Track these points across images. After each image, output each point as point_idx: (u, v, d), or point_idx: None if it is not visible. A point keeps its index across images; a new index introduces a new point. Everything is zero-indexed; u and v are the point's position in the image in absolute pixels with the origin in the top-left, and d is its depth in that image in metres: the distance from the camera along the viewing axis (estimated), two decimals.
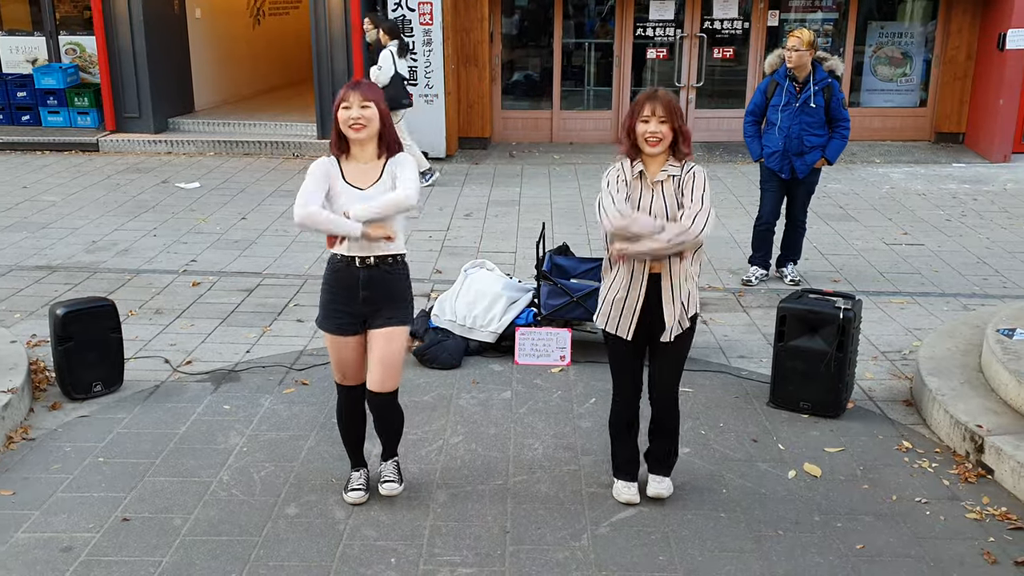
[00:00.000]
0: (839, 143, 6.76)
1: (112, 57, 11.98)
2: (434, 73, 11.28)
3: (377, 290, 3.88)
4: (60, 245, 7.95)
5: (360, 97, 3.73)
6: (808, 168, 6.79)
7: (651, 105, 3.76)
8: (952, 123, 12.30)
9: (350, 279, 3.87)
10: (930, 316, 6.43)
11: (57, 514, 4.01)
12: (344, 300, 3.90)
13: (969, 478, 4.33)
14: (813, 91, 6.61)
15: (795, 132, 6.69)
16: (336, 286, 3.91)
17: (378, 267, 3.87)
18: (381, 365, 3.91)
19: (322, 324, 3.98)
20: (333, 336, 3.95)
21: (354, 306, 3.90)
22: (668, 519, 4.01)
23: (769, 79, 6.82)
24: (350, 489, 4.13)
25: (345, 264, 3.87)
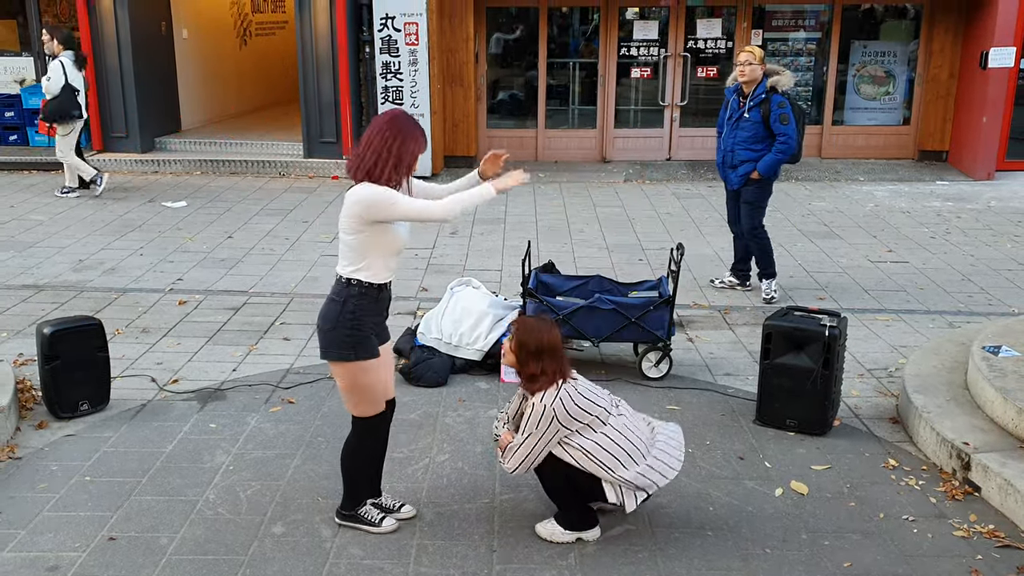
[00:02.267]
0: (771, 157, 6.76)
1: (99, 77, 11.98)
2: (420, 93, 11.33)
3: (387, 310, 3.96)
4: (47, 264, 7.92)
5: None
6: (740, 180, 6.90)
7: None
8: (935, 141, 12.42)
9: (384, 302, 3.86)
10: (915, 333, 6.47)
11: (43, 533, 3.98)
12: (376, 324, 3.85)
13: (956, 495, 4.35)
14: (748, 105, 6.72)
15: (729, 146, 6.87)
16: (371, 313, 3.79)
17: (389, 287, 3.90)
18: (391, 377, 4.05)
19: (366, 352, 3.78)
20: (377, 360, 3.81)
21: (380, 327, 3.91)
22: (655, 537, 4.01)
23: (726, 94, 7.01)
24: (382, 518, 4.03)
25: (378, 290, 3.79)
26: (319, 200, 10.43)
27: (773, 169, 6.83)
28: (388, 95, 11.37)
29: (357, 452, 3.97)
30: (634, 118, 12.79)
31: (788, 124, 6.69)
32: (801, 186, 11.28)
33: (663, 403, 5.32)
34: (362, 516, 4.02)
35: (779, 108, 6.66)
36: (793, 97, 6.85)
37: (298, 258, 8.20)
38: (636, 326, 5.53)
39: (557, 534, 3.97)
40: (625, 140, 12.73)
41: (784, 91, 6.73)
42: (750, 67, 6.67)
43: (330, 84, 11.57)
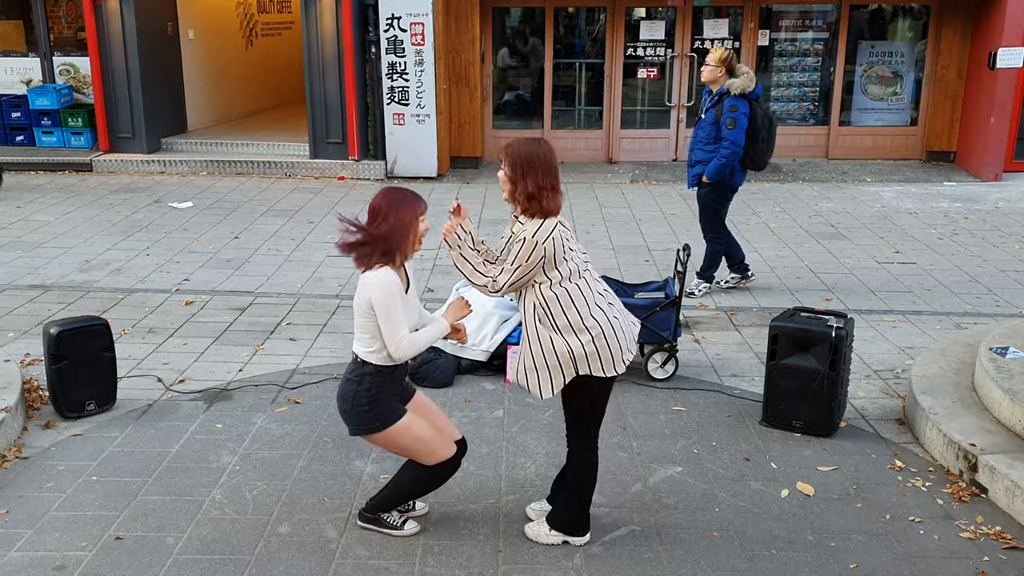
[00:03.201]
0: (716, 162, 6.69)
1: (106, 78, 12.02)
2: (426, 93, 11.33)
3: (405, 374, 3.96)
4: (54, 264, 7.94)
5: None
6: (694, 181, 6.92)
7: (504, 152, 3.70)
8: (943, 142, 12.39)
9: (399, 375, 3.84)
10: (922, 334, 6.45)
11: (50, 533, 3.99)
12: (395, 392, 3.84)
13: (963, 497, 4.34)
14: (705, 107, 6.75)
15: (692, 145, 6.90)
16: (391, 385, 3.79)
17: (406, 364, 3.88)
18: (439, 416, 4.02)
19: (393, 417, 3.75)
20: (408, 417, 3.79)
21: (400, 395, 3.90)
22: (661, 538, 4.00)
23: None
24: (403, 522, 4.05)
25: (392, 370, 3.77)
26: (325, 200, 10.44)
27: (718, 174, 6.72)
28: (394, 95, 11.38)
29: (422, 482, 3.93)
30: (640, 119, 12.78)
31: (733, 129, 6.59)
32: (808, 187, 11.26)
33: (669, 404, 5.31)
34: (384, 520, 4.01)
35: (729, 112, 6.58)
36: (761, 102, 6.76)
37: (304, 258, 8.21)
38: (642, 327, 5.51)
39: (542, 535, 3.96)
40: (632, 141, 12.73)
41: (740, 94, 6.60)
42: (708, 68, 6.71)
43: (336, 85, 11.59)
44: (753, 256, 8.31)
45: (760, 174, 11.78)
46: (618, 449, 4.77)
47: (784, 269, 7.97)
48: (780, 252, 8.48)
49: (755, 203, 10.41)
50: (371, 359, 3.70)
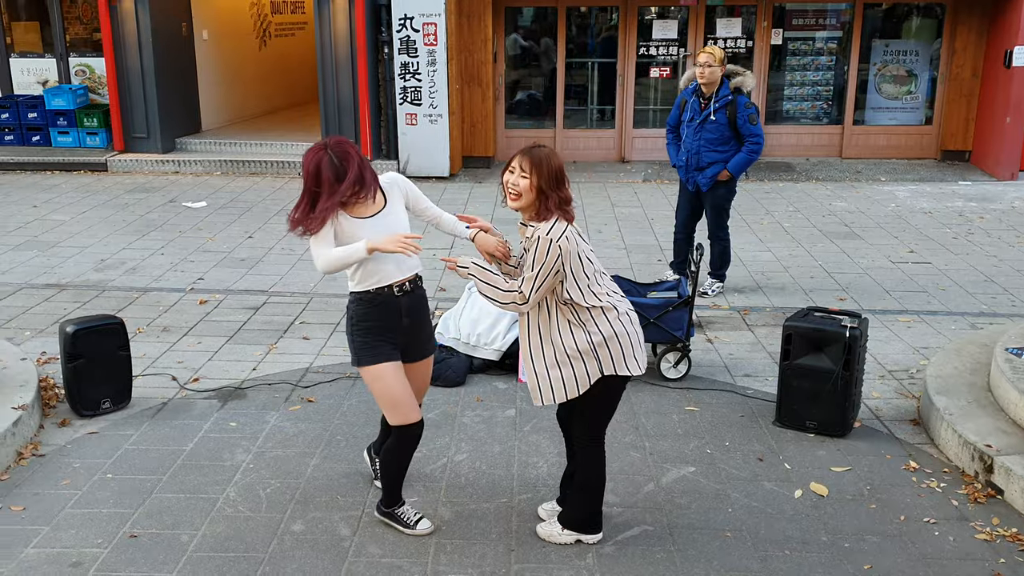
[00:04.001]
0: (743, 157, 6.77)
1: (121, 78, 12.08)
2: (438, 93, 11.35)
3: (416, 315, 3.85)
4: (69, 264, 7.99)
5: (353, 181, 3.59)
6: (710, 182, 6.89)
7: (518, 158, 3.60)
8: (958, 141, 12.32)
9: (390, 310, 3.77)
10: (937, 335, 6.42)
11: (66, 530, 4.02)
12: (386, 329, 3.77)
13: (978, 498, 4.31)
14: (714, 108, 6.70)
15: (695, 148, 6.85)
16: (377, 321, 3.76)
17: (413, 291, 3.82)
18: (422, 389, 4.04)
19: (372, 358, 3.73)
20: (390, 364, 3.73)
21: (396, 337, 3.81)
22: (673, 538, 4.00)
23: (682, 95, 6.94)
24: (417, 520, 4.01)
25: (383, 297, 3.75)
26: None
27: (744, 169, 6.86)
28: (406, 95, 11.40)
29: (393, 451, 3.90)
30: (653, 118, 12.75)
31: (757, 124, 6.74)
32: (822, 186, 11.22)
33: (682, 404, 5.30)
34: (399, 516, 4.02)
35: (747, 109, 6.69)
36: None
37: None
38: (655, 326, 5.51)
39: (555, 535, 3.96)
40: (644, 140, 12.70)
41: (748, 92, 6.77)
42: (710, 69, 6.65)
43: (349, 85, 11.62)
44: (766, 256, 8.29)
45: (774, 173, 11.75)
46: (631, 449, 4.77)
47: (798, 269, 7.94)
48: (794, 251, 8.45)
49: (768, 202, 10.38)
50: (351, 287, 3.80)
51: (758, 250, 8.45)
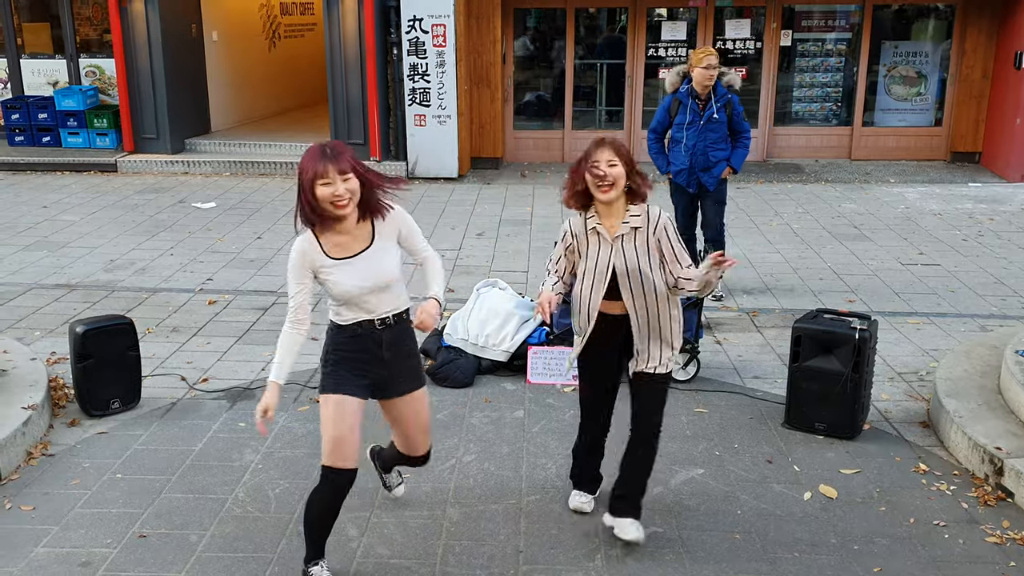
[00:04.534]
0: (743, 152, 6.90)
1: (131, 79, 12.13)
2: (447, 94, 11.36)
3: (398, 349, 3.58)
4: (79, 264, 8.02)
5: (339, 170, 3.29)
6: (716, 180, 6.92)
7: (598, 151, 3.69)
8: (968, 142, 12.28)
9: (370, 342, 3.53)
10: (947, 337, 6.40)
11: (75, 529, 4.03)
12: (363, 364, 3.55)
13: (988, 501, 4.29)
14: (716, 107, 6.72)
15: (700, 148, 6.83)
16: (353, 352, 3.54)
17: (396, 324, 3.57)
18: (421, 433, 3.77)
19: (332, 387, 3.52)
20: (345, 398, 3.48)
21: (374, 371, 3.57)
22: (682, 540, 3.99)
23: (671, 98, 6.91)
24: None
25: (363, 330, 3.52)
26: None
27: (743, 162, 6.99)
28: (415, 97, 11.42)
29: (316, 495, 3.59)
30: None
31: (747, 121, 6.98)
32: (831, 188, 11.19)
33: (691, 406, 5.29)
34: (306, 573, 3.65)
35: (739, 106, 6.85)
36: None
37: None
38: None
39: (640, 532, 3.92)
40: None
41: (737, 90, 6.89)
42: (717, 71, 6.69)
43: (358, 86, 11.64)
44: (775, 257, 8.28)
45: (783, 174, 11.73)
46: None
47: (807, 270, 7.92)
48: (803, 253, 8.43)
49: (777, 204, 10.35)
50: (330, 316, 3.62)
51: (767, 251, 8.43)
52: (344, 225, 3.42)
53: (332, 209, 3.33)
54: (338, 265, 3.43)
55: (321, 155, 3.30)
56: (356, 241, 3.47)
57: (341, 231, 3.43)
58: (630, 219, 3.76)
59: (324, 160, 3.29)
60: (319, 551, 3.64)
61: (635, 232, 3.76)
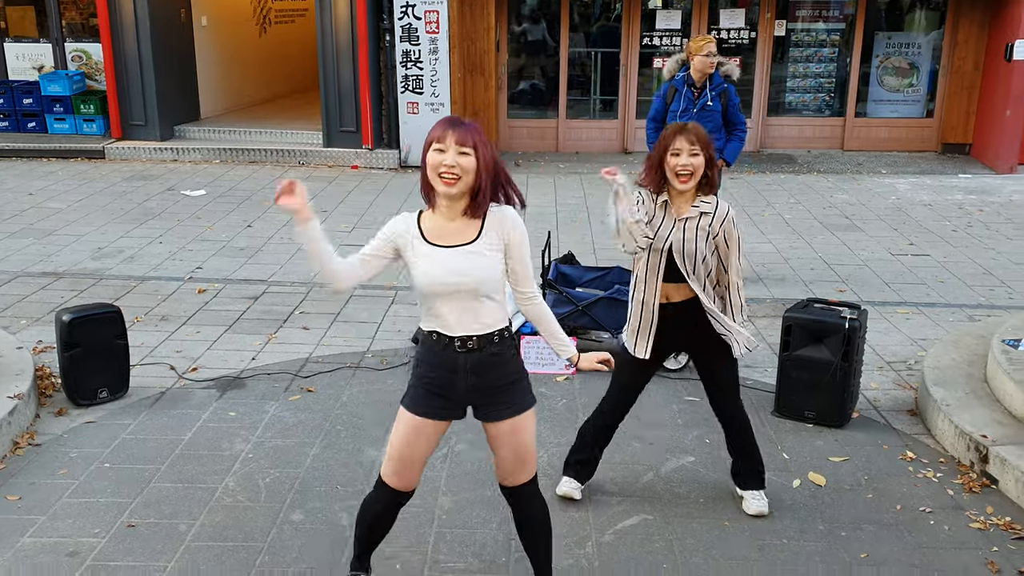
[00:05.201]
0: (737, 145, 6.84)
1: (118, 64, 12.04)
2: (440, 82, 11.32)
3: (486, 376, 3.13)
4: (66, 252, 7.98)
5: (458, 140, 2.94)
6: None
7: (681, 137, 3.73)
8: (959, 134, 12.30)
9: (451, 361, 3.12)
10: (935, 326, 6.42)
11: (63, 519, 4.02)
12: (443, 384, 3.15)
13: (973, 488, 4.32)
14: (710, 96, 6.69)
15: None
16: (433, 366, 3.15)
17: (482, 349, 3.10)
18: (515, 458, 3.24)
19: (412, 403, 3.18)
20: (417, 418, 3.15)
21: (457, 391, 3.16)
22: (672, 527, 4.00)
23: (668, 85, 6.89)
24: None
25: (442, 346, 3.11)
26: (338, 190, 10.45)
27: (737, 156, 6.93)
28: (408, 84, 11.37)
29: (369, 504, 3.39)
30: None
31: (742, 112, 6.90)
32: (823, 178, 11.20)
33: (682, 394, 5.30)
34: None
35: (736, 96, 6.81)
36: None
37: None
38: None
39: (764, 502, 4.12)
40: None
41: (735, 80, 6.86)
42: (716, 59, 6.67)
43: (350, 73, 11.58)
44: (767, 247, 8.29)
45: (775, 165, 11.74)
46: (631, 439, 4.77)
47: (798, 260, 7.94)
48: (794, 243, 8.44)
49: (769, 194, 10.36)
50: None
51: (759, 241, 8.44)
52: (451, 211, 3.04)
53: (436, 180, 2.96)
54: (428, 250, 3.05)
55: (448, 122, 2.98)
56: (460, 233, 3.05)
57: (446, 216, 3.05)
58: (700, 204, 3.84)
59: (448, 126, 2.96)
60: (362, 562, 3.47)
61: (700, 217, 3.83)
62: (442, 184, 2.96)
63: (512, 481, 3.29)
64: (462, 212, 3.05)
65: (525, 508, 3.34)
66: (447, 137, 2.94)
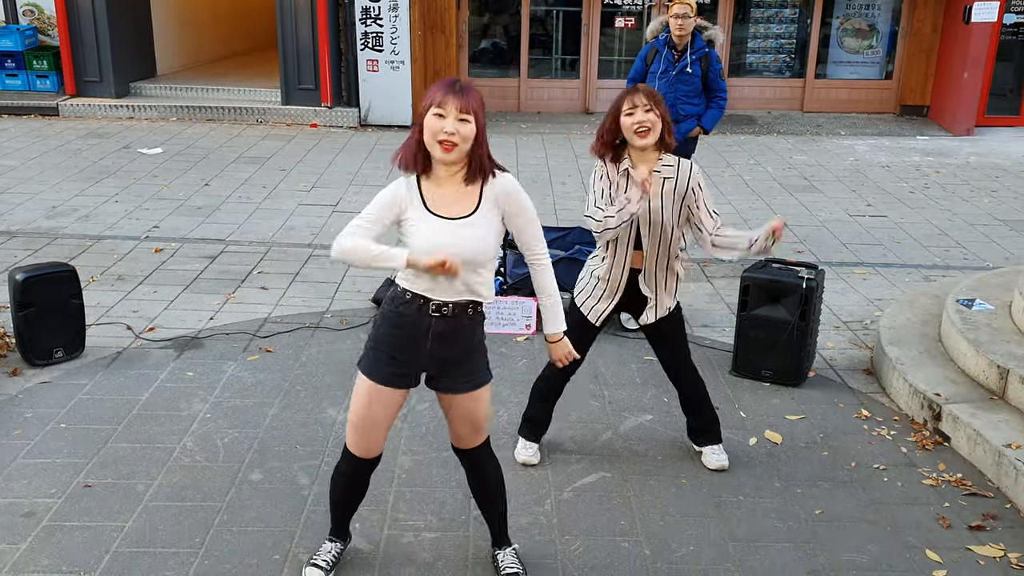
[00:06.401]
0: (716, 113, 6.78)
1: (72, 19, 11.71)
2: (400, 39, 11.17)
3: (448, 346, 3.09)
4: (19, 210, 7.81)
5: (460, 107, 2.88)
6: (683, 136, 6.85)
7: (632, 97, 3.73)
8: (917, 96, 12.41)
9: (416, 325, 3.06)
10: (892, 287, 6.52)
11: (18, 480, 3.97)
12: (403, 347, 3.09)
13: (926, 445, 4.42)
14: (690, 60, 6.66)
15: (670, 100, 6.72)
16: (397, 328, 3.08)
17: (455, 317, 3.06)
18: (471, 428, 3.26)
19: (368, 368, 3.13)
20: (374, 385, 3.11)
21: (416, 358, 3.11)
22: (630, 485, 4.05)
23: (649, 46, 6.83)
24: (311, 563, 3.38)
25: (416, 306, 3.04)
26: (297, 148, 10.31)
27: (716, 124, 6.87)
28: (368, 41, 11.21)
29: (338, 476, 3.38)
30: (618, 69, 12.67)
31: (724, 79, 6.81)
32: (783, 139, 11.26)
33: (641, 354, 5.34)
34: (319, 549, 3.48)
35: (717, 63, 6.73)
36: None
37: (276, 207, 8.13)
38: None
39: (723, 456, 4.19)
40: (609, 91, 12.62)
41: (718, 46, 6.80)
42: (688, 21, 6.61)
43: (308, 29, 11.37)
44: (727, 208, 8.33)
45: (736, 126, 11.77)
46: (590, 398, 4.81)
47: (757, 221, 7.99)
48: (753, 204, 8.50)
49: (730, 155, 10.40)
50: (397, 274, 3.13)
51: (719, 203, 8.42)
52: (450, 178, 3.00)
53: (435, 147, 2.90)
54: (429, 219, 2.98)
55: (449, 86, 2.90)
56: (459, 203, 3.01)
57: (446, 184, 3.00)
58: (662, 168, 3.83)
59: (449, 91, 2.88)
60: (339, 529, 3.47)
61: (664, 183, 3.82)
62: (440, 150, 2.90)
63: (466, 444, 3.32)
64: (461, 180, 3.00)
65: (479, 469, 3.37)
66: (448, 103, 2.87)
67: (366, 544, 3.62)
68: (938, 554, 3.63)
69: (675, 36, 6.60)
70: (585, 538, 3.68)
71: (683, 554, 3.61)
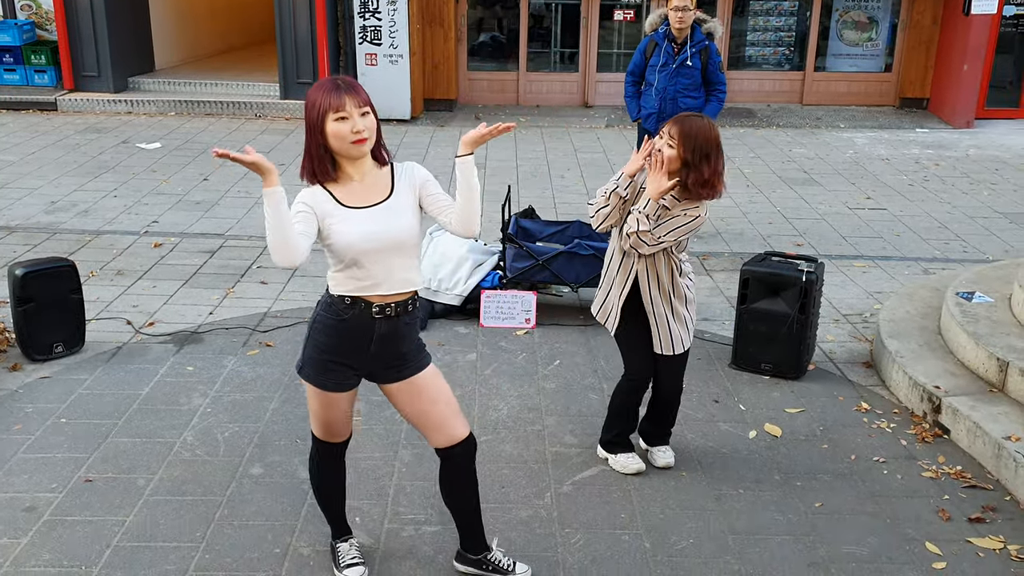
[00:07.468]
0: (716, 106, 6.79)
1: (70, 14, 11.68)
2: (399, 33, 11.14)
3: (392, 344, 3.09)
4: (18, 206, 7.80)
5: (357, 103, 2.89)
6: None
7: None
8: (917, 88, 12.40)
9: (360, 330, 3.04)
10: (891, 280, 6.52)
11: (19, 475, 3.97)
12: (346, 352, 3.07)
13: (926, 438, 4.42)
14: (690, 52, 6.65)
15: (670, 93, 6.75)
16: (339, 336, 3.04)
17: (398, 317, 3.05)
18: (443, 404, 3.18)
19: (313, 378, 3.09)
20: (326, 393, 3.10)
21: (358, 360, 3.10)
22: (630, 478, 4.05)
23: (648, 39, 6.82)
24: (345, 565, 3.36)
25: (357, 311, 3.01)
26: (295, 142, 10.30)
27: (716, 117, 6.82)
28: (366, 35, 11.19)
29: (315, 467, 3.37)
30: (617, 62, 12.66)
31: (723, 72, 6.81)
32: (782, 132, 11.25)
33: None
34: (334, 550, 3.46)
35: (717, 56, 6.74)
36: None
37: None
38: None
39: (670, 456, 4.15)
40: (608, 84, 12.62)
41: (718, 39, 6.79)
42: (688, 13, 6.60)
43: (307, 23, 11.35)
44: (726, 202, 8.32)
45: (735, 119, 11.76)
46: (589, 391, 4.81)
47: (756, 215, 7.99)
48: (753, 198, 8.50)
49: (729, 148, 10.35)
50: (328, 281, 3.10)
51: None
52: (360, 171, 2.99)
53: (350, 148, 2.90)
54: (349, 214, 2.95)
55: (334, 87, 2.87)
56: (372, 191, 3.00)
57: (356, 178, 2.99)
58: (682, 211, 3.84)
59: (339, 92, 2.86)
60: (340, 527, 3.45)
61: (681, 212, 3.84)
62: (356, 149, 2.91)
63: (459, 432, 3.18)
64: (368, 169, 3.01)
65: (463, 475, 3.27)
66: (345, 104, 2.86)
67: (367, 538, 3.63)
68: (938, 546, 3.64)
69: (675, 29, 6.60)
70: (585, 531, 3.69)
71: (683, 547, 3.61)
